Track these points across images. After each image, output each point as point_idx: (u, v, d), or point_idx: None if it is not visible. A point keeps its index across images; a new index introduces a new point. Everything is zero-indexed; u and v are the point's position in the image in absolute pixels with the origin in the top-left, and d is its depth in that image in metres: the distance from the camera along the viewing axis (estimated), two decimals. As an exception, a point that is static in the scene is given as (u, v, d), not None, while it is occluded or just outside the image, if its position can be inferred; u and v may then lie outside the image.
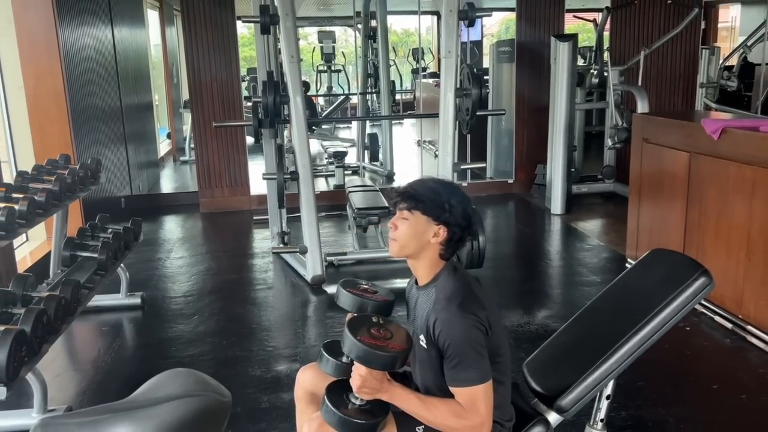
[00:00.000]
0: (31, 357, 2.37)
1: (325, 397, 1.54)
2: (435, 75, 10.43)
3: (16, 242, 4.07)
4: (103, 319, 3.74)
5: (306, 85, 9.40)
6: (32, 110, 4.69)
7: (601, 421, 1.86)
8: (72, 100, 4.86)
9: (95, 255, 3.29)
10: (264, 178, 4.61)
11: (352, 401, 1.55)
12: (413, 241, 1.65)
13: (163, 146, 9.15)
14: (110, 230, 3.65)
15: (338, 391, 1.58)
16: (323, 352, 1.72)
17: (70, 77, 4.87)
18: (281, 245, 4.72)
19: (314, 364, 1.88)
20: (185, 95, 8.52)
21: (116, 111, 6.25)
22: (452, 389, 1.57)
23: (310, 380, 1.90)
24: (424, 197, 1.65)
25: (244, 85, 8.03)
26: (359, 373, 1.52)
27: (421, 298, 1.70)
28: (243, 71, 8.44)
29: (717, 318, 3.41)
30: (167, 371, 1.11)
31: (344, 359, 1.66)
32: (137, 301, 3.86)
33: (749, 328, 3.20)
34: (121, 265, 3.66)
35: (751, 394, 2.75)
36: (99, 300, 3.71)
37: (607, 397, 1.83)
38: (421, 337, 1.64)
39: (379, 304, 1.83)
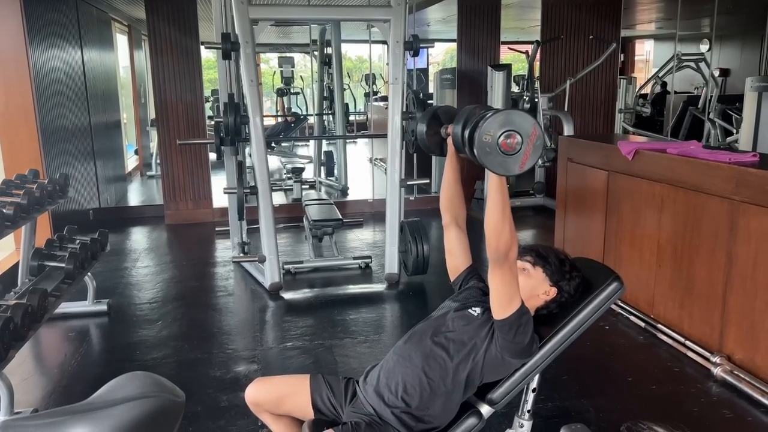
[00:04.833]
0: (-3, 362, 2.29)
1: None
2: (386, 98, 10.50)
3: (-16, 253, 3.92)
4: (70, 325, 3.62)
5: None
6: (2, 128, 4.54)
7: (528, 411, 1.91)
8: (41, 117, 4.72)
9: (63, 265, 3.19)
10: (225, 193, 4.57)
11: None
12: (525, 291, 1.75)
13: (131, 162, 8.93)
14: (78, 241, 3.54)
15: None
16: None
17: (40, 96, 4.73)
18: (241, 254, 4.67)
19: (254, 384, 1.90)
20: (152, 114, 8.36)
21: (85, 128, 6.08)
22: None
23: (254, 396, 1.89)
24: (552, 261, 1.78)
25: (208, 105, 7.94)
26: None
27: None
28: (207, 92, 8.35)
29: (632, 318, 3.52)
30: (125, 374, 1.10)
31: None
32: (104, 307, 3.75)
33: (659, 326, 3.32)
34: (89, 274, 3.56)
35: (661, 385, 2.85)
36: (66, 307, 3.59)
37: (533, 390, 1.88)
38: (477, 309, 1.80)
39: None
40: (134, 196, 7.96)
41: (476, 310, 1.79)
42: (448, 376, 1.71)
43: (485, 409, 1.80)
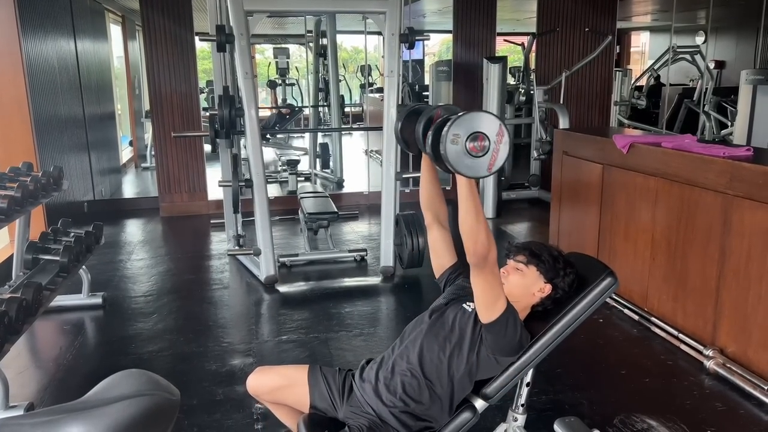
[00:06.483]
0: (-7, 357, 2.29)
1: None
2: (382, 90, 10.47)
3: (-22, 246, 3.91)
4: (65, 318, 3.62)
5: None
6: (-5, 119, 4.51)
7: (522, 405, 1.92)
8: (35, 109, 4.69)
9: (57, 258, 3.18)
10: (220, 185, 4.56)
11: None
12: (519, 289, 1.77)
13: (126, 153, 8.90)
14: (72, 234, 3.53)
15: None
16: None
17: (33, 87, 4.70)
18: (236, 247, 4.67)
19: (254, 374, 1.91)
20: (146, 105, 8.32)
21: (79, 120, 6.05)
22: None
23: (253, 386, 1.90)
24: (545, 259, 1.78)
25: (203, 96, 7.89)
26: None
27: None
28: (202, 83, 8.31)
29: (626, 311, 3.54)
30: (120, 372, 1.10)
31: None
32: (98, 300, 3.75)
33: (653, 319, 3.34)
34: (83, 267, 3.55)
35: (653, 378, 2.87)
36: (61, 300, 3.60)
37: (527, 385, 1.89)
38: (471, 304, 1.77)
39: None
40: (129, 188, 7.94)
41: (471, 305, 1.80)
42: (444, 376, 1.71)
43: (479, 404, 1.81)
